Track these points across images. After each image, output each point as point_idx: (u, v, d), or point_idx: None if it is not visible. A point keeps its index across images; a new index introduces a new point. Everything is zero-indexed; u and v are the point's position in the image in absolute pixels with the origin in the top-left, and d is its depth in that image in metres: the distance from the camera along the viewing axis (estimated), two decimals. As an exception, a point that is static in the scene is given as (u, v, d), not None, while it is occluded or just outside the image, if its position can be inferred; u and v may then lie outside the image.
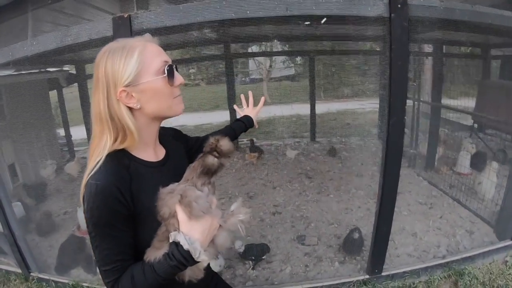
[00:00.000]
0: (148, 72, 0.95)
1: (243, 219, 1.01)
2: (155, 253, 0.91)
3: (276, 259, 3.05)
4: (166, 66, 0.98)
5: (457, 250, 2.90)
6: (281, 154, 5.97)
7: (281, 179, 4.93)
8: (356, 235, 2.96)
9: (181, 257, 0.88)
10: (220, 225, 0.99)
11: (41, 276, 2.97)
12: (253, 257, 2.98)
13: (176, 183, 0.98)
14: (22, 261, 2.96)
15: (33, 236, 3.38)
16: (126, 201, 0.90)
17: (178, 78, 1.02)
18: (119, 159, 0.96)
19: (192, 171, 0.99)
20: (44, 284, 2.94)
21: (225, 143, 1.01)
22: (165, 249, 0.91)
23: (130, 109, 0.97)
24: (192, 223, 0.91)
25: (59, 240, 3.22)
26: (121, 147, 0.97)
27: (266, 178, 5.03)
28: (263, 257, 3.02)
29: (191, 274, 0.97)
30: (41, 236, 3.42)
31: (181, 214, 0.91)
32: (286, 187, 4.65)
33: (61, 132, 5.81)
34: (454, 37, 3.74)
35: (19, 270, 3.04)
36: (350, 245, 2.99)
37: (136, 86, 0.94)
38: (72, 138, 5.91)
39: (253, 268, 2.95)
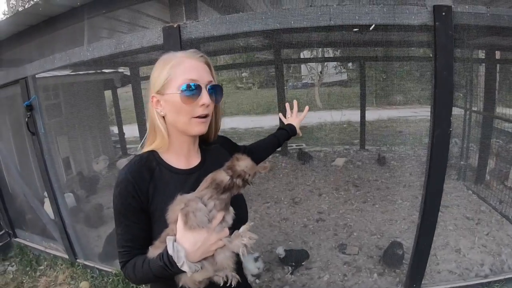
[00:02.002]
0: (173, 86, 1.03)
1: (246, 243, 0.99)
2: (154, 251, 0.99)
3: (315, 266, 3.05)
4: (185, 85, 1.01)
5: (501, 270, 2.73)
6: (330, 161, 5.94)
7: (327, 186, 4.90)
8: (397, 248, 2.88)
9: (166, 260, 0.94)
10: (225, 244, 1.00)
11: (86, 263, 3.16)
12: (293, 263, 2.99)
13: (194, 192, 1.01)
14: (70, 248, 3.17)
15: (83, 226, 3.58)
16: (139, 197, 1.01)
17: (203, 99, 1.03)
18: (147, 161, 1.07)
19: (204, 182, 1.01)
20: (89, 271, 3.12)
21: (242, 164, 1.01)
22: (162, 249, 0.97)
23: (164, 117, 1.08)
24: (185, 232, 0.95)
25: (107, 231, 3.40)
26: (152, 147, 1.09)
27: (313, 184, 5.02)
28: (302, 263, 3.02)
29: (185, 282, 0.99)
30: (91, 226, 3.63)
31: (179, 222, 0.96)
32: (332, 194, 4.60)
33: (115, 129, 6.17)
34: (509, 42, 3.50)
35: (66, 256, 3.26)
36: (390, 257, 2.91)
37: (163, 95, 1.05)
38: (125, 136, 6.27)
39: (291, 273, 2.97)
